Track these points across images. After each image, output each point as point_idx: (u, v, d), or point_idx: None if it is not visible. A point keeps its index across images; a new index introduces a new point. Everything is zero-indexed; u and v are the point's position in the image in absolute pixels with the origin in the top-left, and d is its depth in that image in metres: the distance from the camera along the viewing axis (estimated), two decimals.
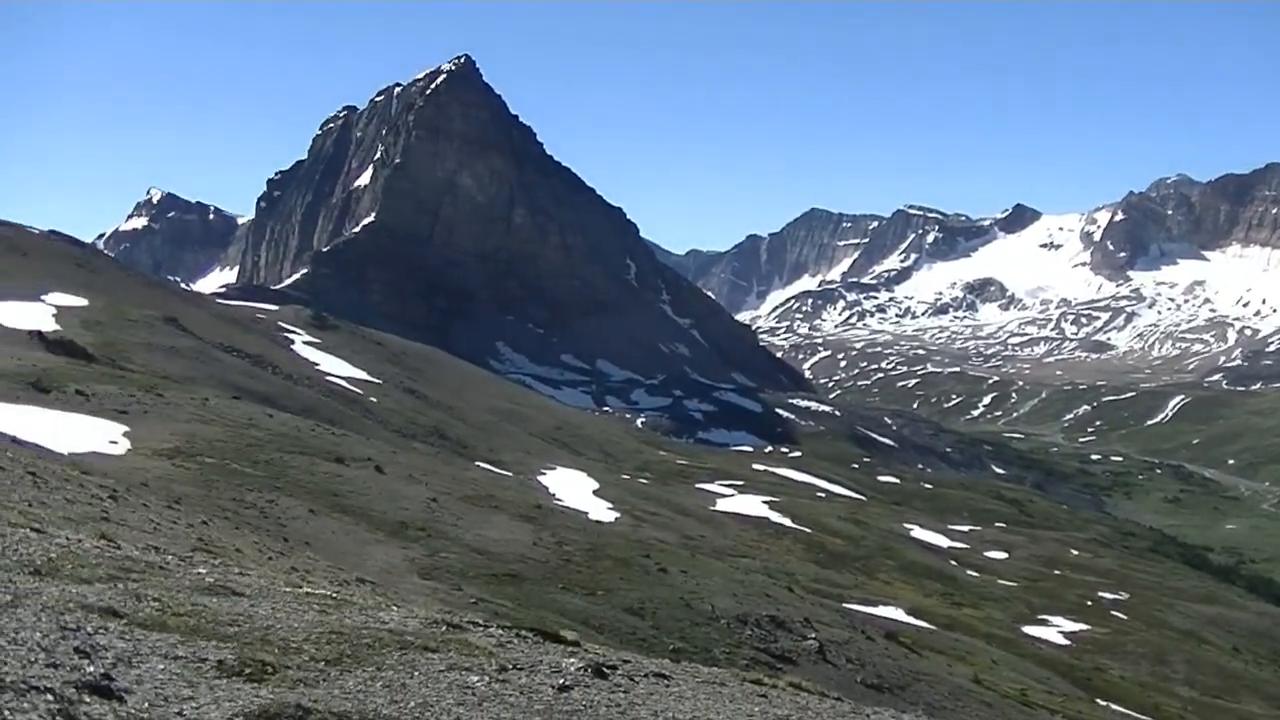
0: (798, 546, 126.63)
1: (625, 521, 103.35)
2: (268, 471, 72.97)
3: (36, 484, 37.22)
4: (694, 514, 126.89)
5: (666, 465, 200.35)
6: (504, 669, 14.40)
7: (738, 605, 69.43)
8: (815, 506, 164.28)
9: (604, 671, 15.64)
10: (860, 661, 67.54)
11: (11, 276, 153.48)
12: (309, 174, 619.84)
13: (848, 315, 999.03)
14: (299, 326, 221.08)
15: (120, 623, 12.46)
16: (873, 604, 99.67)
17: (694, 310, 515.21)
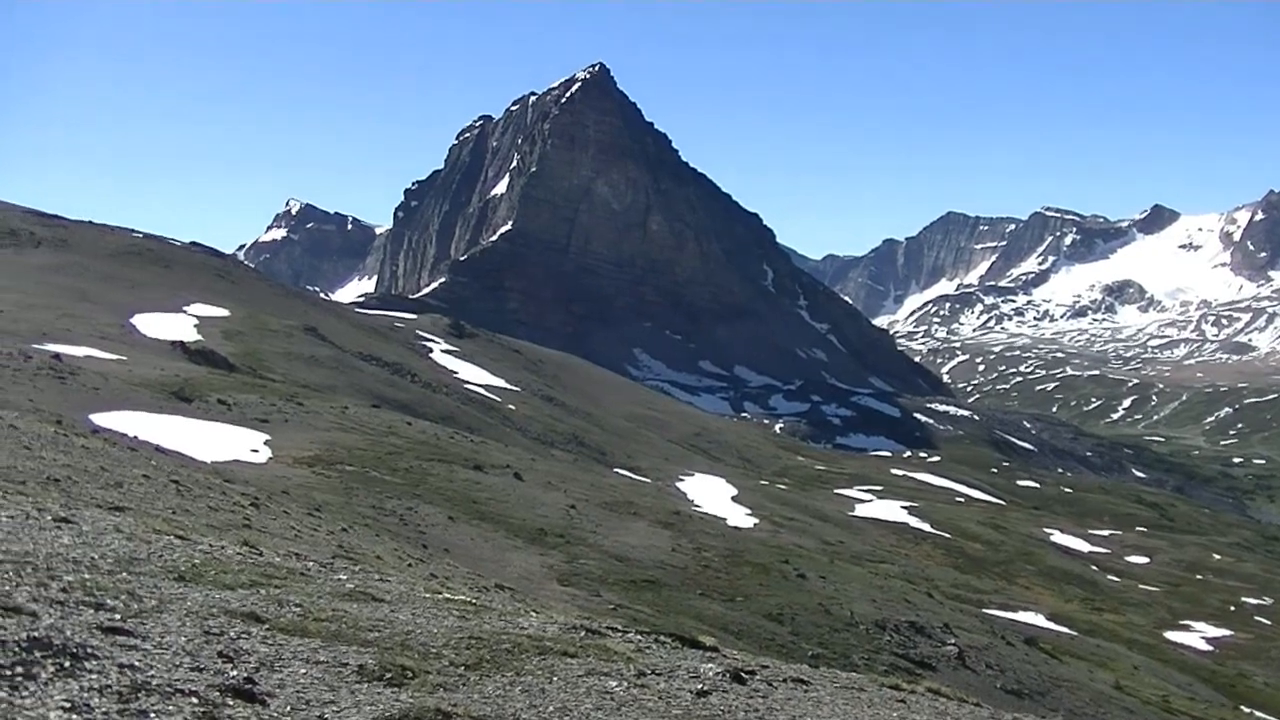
0: (937, 551, 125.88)
1: (764, 527, 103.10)
2: (407, 479, 73.37)
3: (180, 492, 37.63)
4: (833, 519, 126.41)
5: (805, 470, 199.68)
6: (642, 674, 14.41)
7: (876, 611, 69.12)
8: (954, 511, 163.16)
9: (742, 677, 15.62)
10: (1000, 667, 67.02)
11: (154, 288, 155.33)
12: (446, 183, 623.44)
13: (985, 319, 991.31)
14: (437, 335, 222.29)
15: (263, 628, 12.59)
16: (1012, 609, 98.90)
17: (831, 315, 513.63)
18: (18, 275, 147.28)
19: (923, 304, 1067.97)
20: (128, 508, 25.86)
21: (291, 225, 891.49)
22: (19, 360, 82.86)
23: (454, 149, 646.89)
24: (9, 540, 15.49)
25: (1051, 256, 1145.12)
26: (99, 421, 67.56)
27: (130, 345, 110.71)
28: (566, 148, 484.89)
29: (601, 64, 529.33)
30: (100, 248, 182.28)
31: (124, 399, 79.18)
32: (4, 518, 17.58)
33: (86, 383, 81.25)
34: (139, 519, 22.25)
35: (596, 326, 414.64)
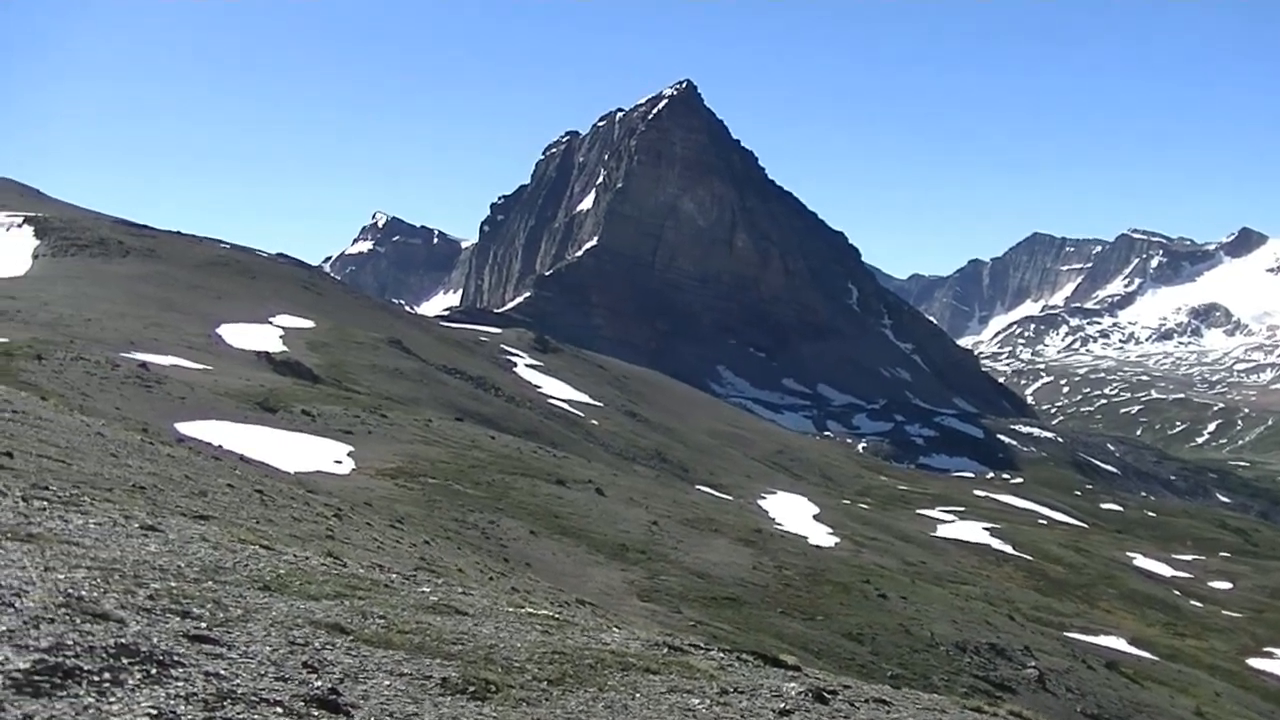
0: (1018, 573, 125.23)
1: (845, 546, 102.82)
2: (489, 492, 73.53)
3: (264, 502, 37.81)
4: (914, 539, 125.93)
5: (887, 490, 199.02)
6: (725, 692, 14.37)
7: (957, 632, 68.82)
8: (1036, 533, 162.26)
9: (825, 697, 15.55)
10: (1080, 691, 66.59)
11: (240, 298, 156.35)
12: (532, 198, 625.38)
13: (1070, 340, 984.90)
14: (521, 349, 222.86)
15: (347, 639, 12.62)
16: (1093, 633, 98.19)
17: (915, 335, 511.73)
18: (106, 284, 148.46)
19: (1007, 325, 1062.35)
20: (212, 516, 26.01)
21: (378, 238, 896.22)
22: (106, 368, 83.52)
23: (540, 164, 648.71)
24: (97, 547, 15.59)
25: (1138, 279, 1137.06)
26: (184, 430, 68.02)
27: (216, 355, 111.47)
28: (653, 164, 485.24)
29: (689, 81, 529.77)
30: (188, 258, 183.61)
31: (209, 408, 79.69)
32: (91, 525, 17.70)
33: (172, 392, 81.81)
34: (224, 528, 22.36)
35: (680, 343, 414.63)
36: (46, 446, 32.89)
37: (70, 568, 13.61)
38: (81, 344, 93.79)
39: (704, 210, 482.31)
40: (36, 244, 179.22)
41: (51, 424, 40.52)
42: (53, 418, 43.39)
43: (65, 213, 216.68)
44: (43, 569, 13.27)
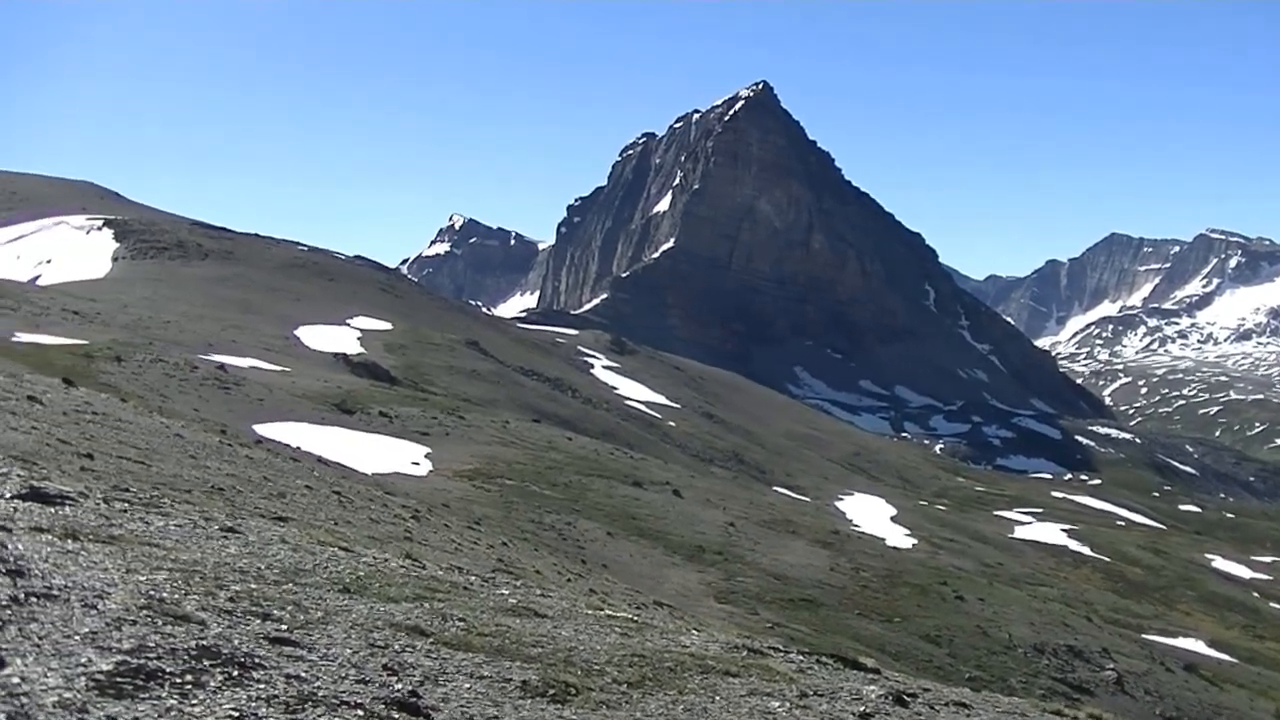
0: (1096, 575, 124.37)
1: (922, 548, 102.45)
2: (566, 494, 73.61)
3: (342, 503, 37.96)
4: (992, 541, 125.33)
5: (964, 492, 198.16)
6: (804, 695, 14.31)
7: (1035, 634, 68.52)
8: (1114, 535, 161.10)
9: (905, 699, 15.48)
10: (1159, 694, 66.20)
11: (318, 301, 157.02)
12: (608, 200, 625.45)
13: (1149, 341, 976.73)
14: (598, 351, 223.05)
15: (427, 641, 12.62)
16: (1172, 635, 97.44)
17: (993, 336, 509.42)
18: (185, 287, 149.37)
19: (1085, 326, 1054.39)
20: (291, 518, 26.11)
21: (455, 240, 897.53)
22: (185, 370, 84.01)
23: (617, 165, 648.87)
24: (178, 549, 15.66)
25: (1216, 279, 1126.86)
26: (262, 432, 68.34)
27: (294, 357, 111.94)
28: (729, 165, 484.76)
29: (765, 82, 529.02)
30: (265, 260, 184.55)
31: (287, 410, 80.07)
32: (172, 526, 17.79)
33: (250, 393, 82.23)
34: (303, 530, 22.44)
35: (757, 344, 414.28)
36: (126, 448, 33.08)
37: (152, 570, 13.67)
38: (160, 346, 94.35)
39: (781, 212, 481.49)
40: (116, 247, 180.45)
41: (131, 425, 40.77)
42: (132, 419, 43.66)
43: (144, 215, 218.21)
44: (124, 571, 13.34)
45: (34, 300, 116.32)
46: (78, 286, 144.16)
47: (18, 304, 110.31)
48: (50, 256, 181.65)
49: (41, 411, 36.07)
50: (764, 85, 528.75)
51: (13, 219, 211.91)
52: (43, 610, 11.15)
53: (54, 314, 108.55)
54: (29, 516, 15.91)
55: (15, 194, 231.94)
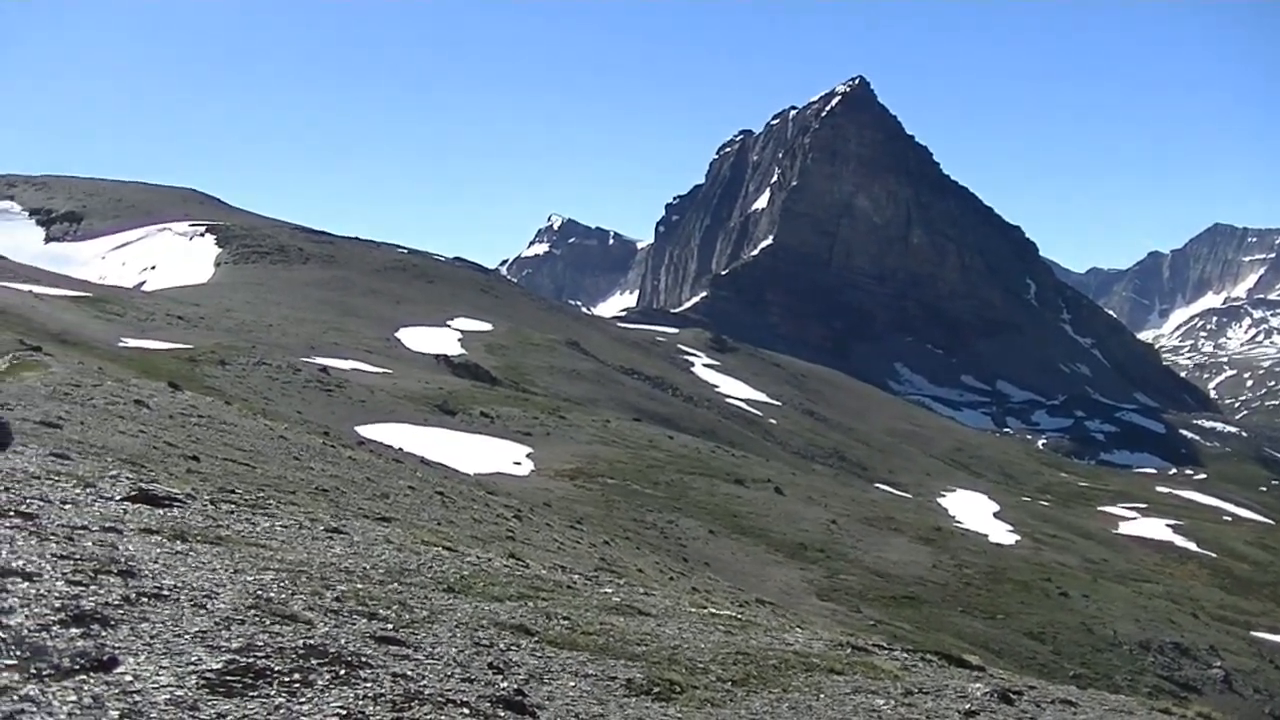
0: (1202, 571, 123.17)
1: (1025, 544, 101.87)
2: (668, 492, 73.68)
3: (445, 503, 38.14)
4: (1096, 537, 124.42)
5: (1068, 487, 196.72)
6: (909, 693, 14.29)
7: (1140, 631, 68.05)
8: (1221, 530, 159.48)
9: (1010, 697, 15.41)
10: (1269, 692, 65.60)
11: (419, 302, 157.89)
12: (707, 198, 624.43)
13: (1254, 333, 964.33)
14: (699, 349, 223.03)
15: (531, 640, 12.70)
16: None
17: (1095, 329, 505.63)
18: (287, 290, 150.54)
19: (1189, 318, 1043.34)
20: (394, 518, 26.28)
21: (554, 240, 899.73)
22: (288, 373, 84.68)
23: (715, 163, 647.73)
24: (284, 549, 15.82)
25: None
26: (364, 433, 68.79)
27: (395, 359, 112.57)
28: (827, 162, 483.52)
29: (861, 77, 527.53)
30: (366, 263, 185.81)
31: (389, 411, 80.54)
32: (278, 527, 17.96)
33: (352, 395, 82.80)
34: (406, 530, 22.59)
35: (858, 341, 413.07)
36: (232, 450, 33.41)
37: (259, 570, 13.82)
38: (263, 349, 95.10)
39: (879, 207, 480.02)
40: (219, 252, 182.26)
41: (236, 428, 41.15)
42: (237, 422, 44.05)
43: (246, 221, 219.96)
44: (232, 571, 13.49)
45: (140, 306, 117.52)
46: (182, 292, 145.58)
47: (124, 310, 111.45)
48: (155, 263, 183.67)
49: (148, 415, 36.46)
50: (860, 80, 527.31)
51: (119, 226, 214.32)
52: (153, 610, 11.31)
53: (159, 319, 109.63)
54: (138, 518, 16.12)
55: (121, 201, 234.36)
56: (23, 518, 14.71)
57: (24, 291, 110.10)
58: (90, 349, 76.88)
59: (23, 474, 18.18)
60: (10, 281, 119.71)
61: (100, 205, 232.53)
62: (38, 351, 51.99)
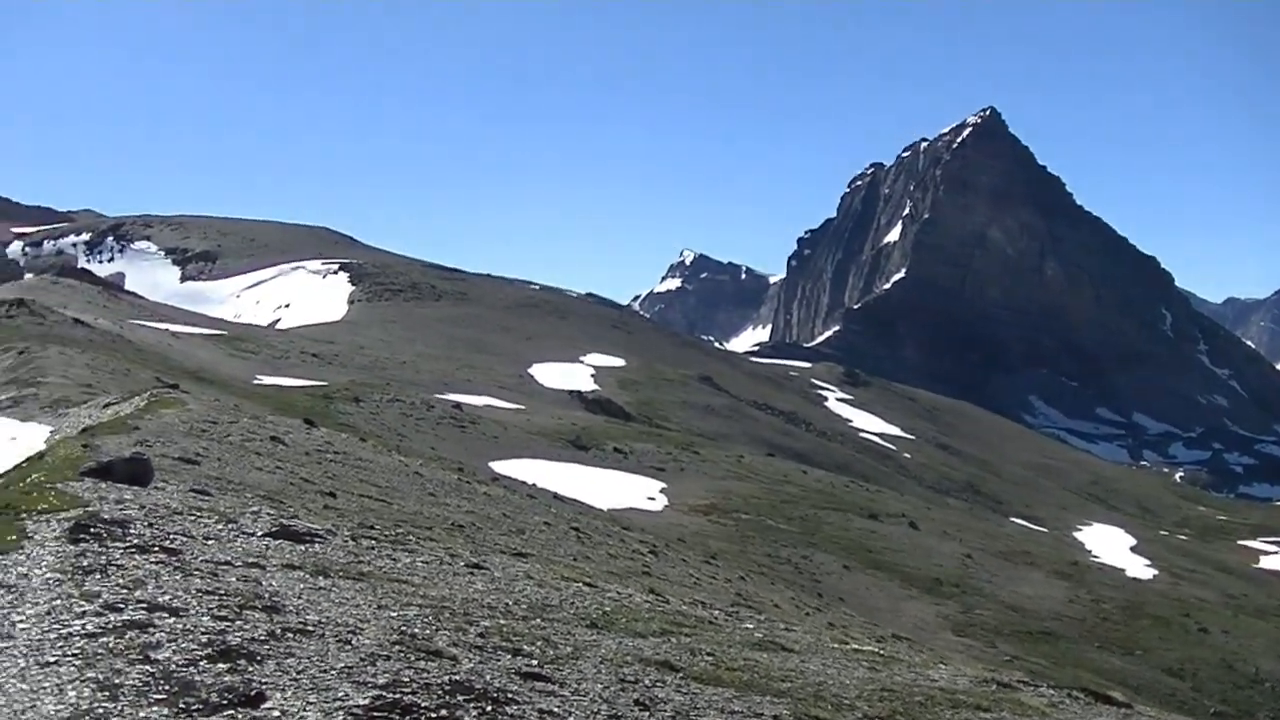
0: None
1: (1163, 579, 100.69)
2: (802, 527, 73.49)
3: (580, 539, 38.16)
4: (1235, 571, 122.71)
5: (1205, 521, 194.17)
6: None
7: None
8: None
9: None
10: None
11: (551, 338, 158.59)
12: (838, 231, 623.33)
13: None
14: (831, 383, 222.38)
15: (676, 676, 12.64)
16: None
17: (1233, 360, 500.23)
18: (420, 327, 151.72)
19: None
20: (531, 554, 26.31)
21: (686, 275, 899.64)
22: (422, 409, 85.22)
23: (846, 196, 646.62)
24: (426, 585, 15.87)
25: None
26: (498, 469, 69.00)
27: (528, 394, 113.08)
28: (959, 193, 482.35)
29: (992, 108, 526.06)
30: (498, 300, 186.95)
31: (522, 447, 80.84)
32: (419, 563, 18.03)
33: (486, 431, 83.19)
34: (545, 565, 22.62)
35: (991, 373, 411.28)
36: (367, 486, 33.60)
37: (402, 605, 13.88)
38: (397, 386, 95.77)
39: (1012, 239, 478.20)
40: (352, 289, 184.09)
41: (371, 464, 41.39)
42: (372, 458, 44.31)
43: (379, 259, 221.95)
44: (376, 606, 13.55)
45: (274, 344, 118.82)
46: (315, 329, 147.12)
47: (259, 348, 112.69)
48: (289, 301, 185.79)
49: (285, 451, 36.73)
50: (991, 111, 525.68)
51: (252, 265, 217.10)
52: (299, 645, 11.38)
53: (293, 357, 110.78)
54: (280, 554, 16.25)
55: (254, 241, 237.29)
56: (167, 553, 14.86)
57: (161, 330, 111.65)
58: (226, 386, 77.76)
59: (165, 509, 18.37)
60: (147, 320, 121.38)
61: (234, 244, 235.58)
62: (175, 389, 52.55)
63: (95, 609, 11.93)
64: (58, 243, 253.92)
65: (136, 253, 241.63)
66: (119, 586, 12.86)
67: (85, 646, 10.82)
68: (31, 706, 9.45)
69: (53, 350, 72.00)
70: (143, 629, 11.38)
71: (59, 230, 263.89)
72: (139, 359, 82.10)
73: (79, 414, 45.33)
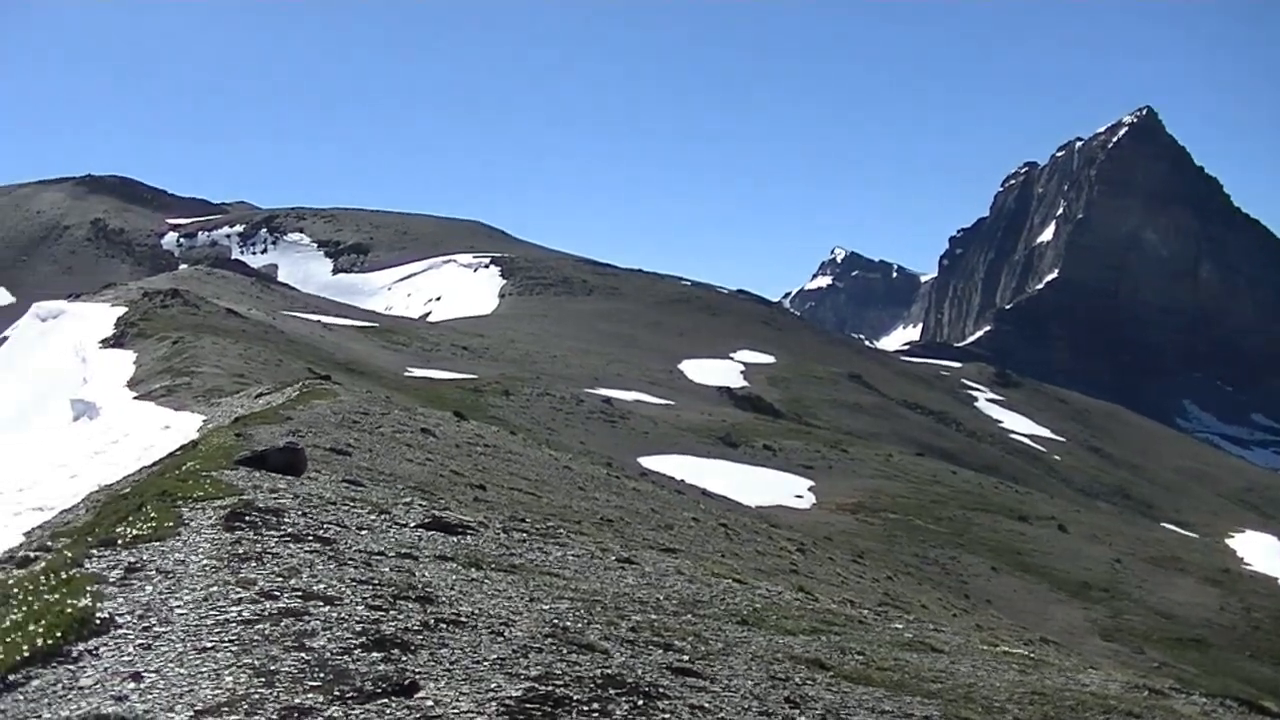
0: None
1: None
2: (950, 528, 73.10)
3: (728, 535, 38.17)
4: None
5: None
6: None
7: None
8: None
9: None
10: None
11: (701, 334, 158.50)
12: (991, 231, 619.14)
13: None
14: (982, 383, 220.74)
15: (827, 674, 12.60)
16: None
17: None
18: (571, 322, 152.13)
19: None
20: (680, 550, 26.33)
21: (837, 273, 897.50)
22: (571, 404, 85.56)
23: (999, 196, 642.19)
24: (577, 579, 15.94)
25: None
26: (647, 464, 69.18)
27: (678, 390, 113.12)
28: (1114, 194, 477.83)
29: (1149, 107, 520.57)
30: (649, 295, 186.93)
31: (671, 443, 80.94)
32: (570, 556, 18.11)
33: (636, 426, 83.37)
34: (695, 561, 22.63)
35: (1144, 376, 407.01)
36: (517, 479, 33.76)
37: (554, 599, 13.94)
38: (547, 380, 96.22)
39: (1167, 240, 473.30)
40: (503, 283, 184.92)
41: (521, 458, 41.59)
42: (521, 451, 44.53)
43: (530, 253, 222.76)
44: (528, 599, 13.62)
45: (425, 336, 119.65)
46: (466, 323, 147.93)
47: (410, 340, 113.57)
48: (440, 294, 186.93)
49: (435, 444, 36.97)
50: (1147, 110, 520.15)
51: (404, 258, 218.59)
52: (452, 636, 11.45)
53: (444, 350, 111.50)
54: (433, 545, 16.38)
55: (406, 234, 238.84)
56: (321, 542, 15.03)
57: (313, 321, 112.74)
58: (377, 378, 78.42)
59: (319, 499, 18.58)
60: (299, 311, 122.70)
61: (386, 237, 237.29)
62: (327, 380, 53.04)
63: (251, 596, 12.10)
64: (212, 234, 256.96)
65: (289, 244, 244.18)
66: (274, 574, 13.04)
67: (241, 633, 10.98)
68: (189, 690, 9.59)
69: (206, 340, 72.97)
70: (298, 617, 11.52)
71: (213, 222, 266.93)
72: (291, 350, 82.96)
73: (231, 403, 45.91)
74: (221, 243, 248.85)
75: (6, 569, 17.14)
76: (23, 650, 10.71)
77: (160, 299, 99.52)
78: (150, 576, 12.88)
